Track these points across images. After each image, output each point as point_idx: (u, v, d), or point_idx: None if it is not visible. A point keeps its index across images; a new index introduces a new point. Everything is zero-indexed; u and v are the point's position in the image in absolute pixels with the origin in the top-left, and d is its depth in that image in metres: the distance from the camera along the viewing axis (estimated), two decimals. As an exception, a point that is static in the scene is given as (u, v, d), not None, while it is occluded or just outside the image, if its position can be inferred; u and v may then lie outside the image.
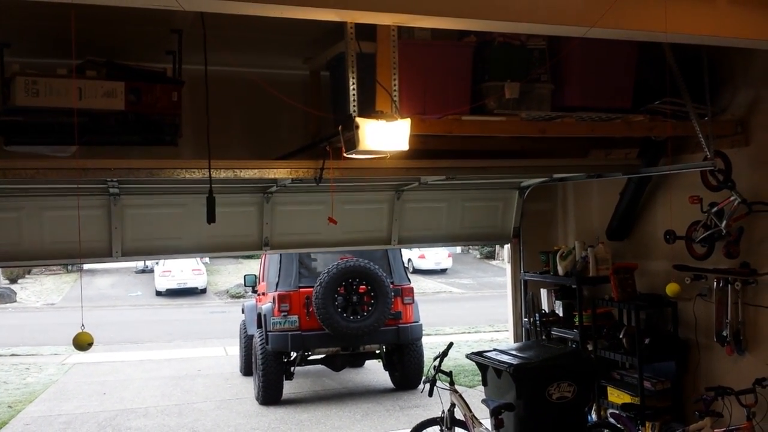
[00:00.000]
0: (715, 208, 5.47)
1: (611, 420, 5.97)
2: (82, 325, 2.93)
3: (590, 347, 6.45)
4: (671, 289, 5.05)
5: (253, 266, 20.69)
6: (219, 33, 4.40)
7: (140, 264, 30.44)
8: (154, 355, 14.36)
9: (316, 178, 5.00)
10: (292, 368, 9.81)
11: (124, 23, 4.31)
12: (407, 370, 10.12)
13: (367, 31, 4.19)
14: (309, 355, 9.93)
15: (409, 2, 3.26)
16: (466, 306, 21.46)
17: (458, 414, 5.93)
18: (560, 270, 6.81)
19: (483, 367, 6.09)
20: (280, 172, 5.18)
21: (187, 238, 6.21)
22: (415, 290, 10.16)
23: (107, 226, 5.91)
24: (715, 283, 5.62)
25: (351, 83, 4.15)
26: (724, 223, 5.39)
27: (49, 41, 4.28)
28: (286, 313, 9.27)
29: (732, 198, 5.33)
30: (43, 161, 4.58)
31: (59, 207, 5.71)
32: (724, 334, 5.56)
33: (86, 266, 27.09)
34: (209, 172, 4.19)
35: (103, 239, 5.92)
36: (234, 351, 12.54)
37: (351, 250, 8.71)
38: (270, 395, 9.62)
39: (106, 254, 5.98)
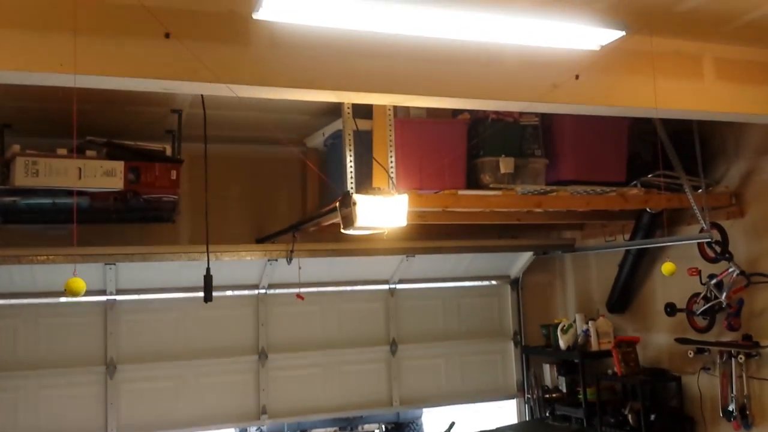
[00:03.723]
0: (714, 280, 5.44)
1: (620, 501, 5.76)
2: (74, 271, 2.78)
3: (595, 424, 6.28)
4: (667, 268, 4.51)
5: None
6: (218, 112, 4.49)
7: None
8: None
9: (287, 258, 5.50)
10: (289, 449, 9.49)
11: (125, 104, 4.38)
12: (407, 450, 9.79)
13: (364, 109, 4.28)
14: (306, 435, 9.63)
15: (404, 83, 3.32)
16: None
17: (461, 497, 5.71)
18: (562, 344, 6.69)
19: (486, 447, 5.91)
20: (255, 254, 5.61)
21: (183, 410, 6.02)
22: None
23: (103, 404, 5.78)
24: (718, 356, 5.54)
25: (348, 160, 4.21)
26: (724, 294, 5.36)
27: (50, 122, 4.34)
28: (282, 391, 9.03)
29: (730, 269, 5.31)
30: (47, 249, 4.82)
31: (54, 385, 5.62)
32: (730, 408, 5.43)
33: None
34: (207, 253, 4.19)
35: (98, 418, 5.75)
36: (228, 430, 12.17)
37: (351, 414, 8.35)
38: (266, 478, 9.26)
39: None
